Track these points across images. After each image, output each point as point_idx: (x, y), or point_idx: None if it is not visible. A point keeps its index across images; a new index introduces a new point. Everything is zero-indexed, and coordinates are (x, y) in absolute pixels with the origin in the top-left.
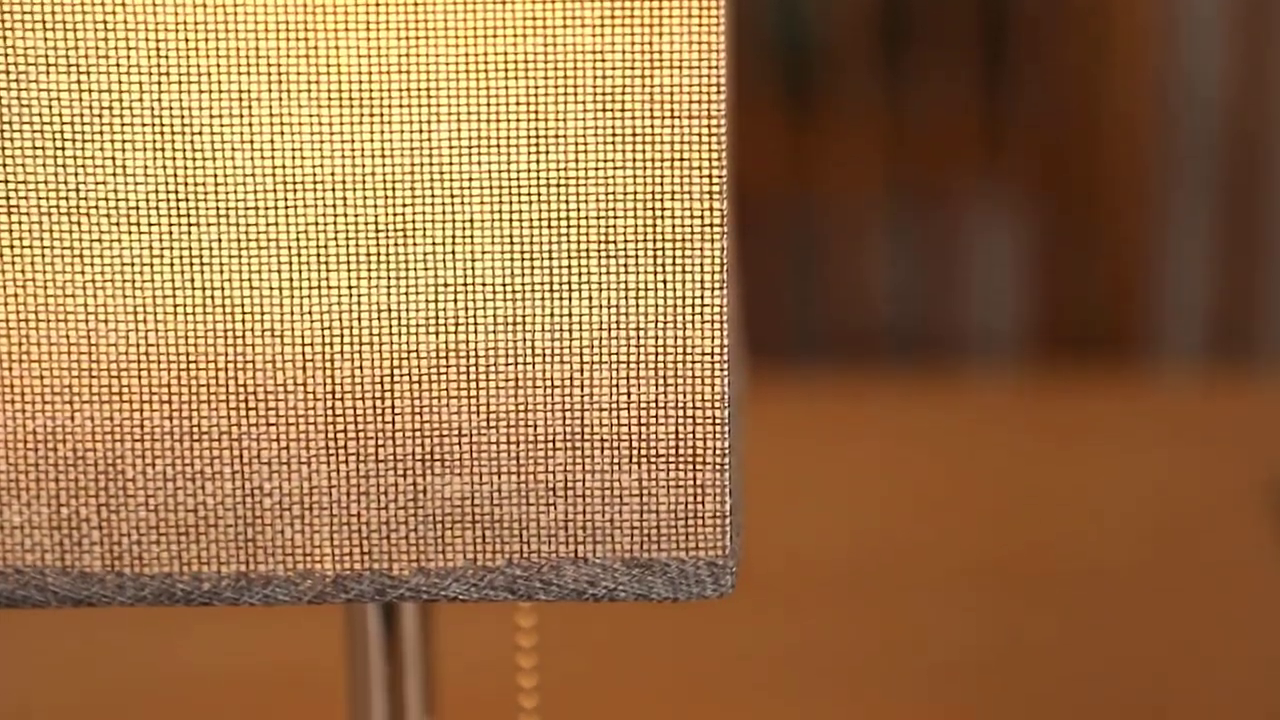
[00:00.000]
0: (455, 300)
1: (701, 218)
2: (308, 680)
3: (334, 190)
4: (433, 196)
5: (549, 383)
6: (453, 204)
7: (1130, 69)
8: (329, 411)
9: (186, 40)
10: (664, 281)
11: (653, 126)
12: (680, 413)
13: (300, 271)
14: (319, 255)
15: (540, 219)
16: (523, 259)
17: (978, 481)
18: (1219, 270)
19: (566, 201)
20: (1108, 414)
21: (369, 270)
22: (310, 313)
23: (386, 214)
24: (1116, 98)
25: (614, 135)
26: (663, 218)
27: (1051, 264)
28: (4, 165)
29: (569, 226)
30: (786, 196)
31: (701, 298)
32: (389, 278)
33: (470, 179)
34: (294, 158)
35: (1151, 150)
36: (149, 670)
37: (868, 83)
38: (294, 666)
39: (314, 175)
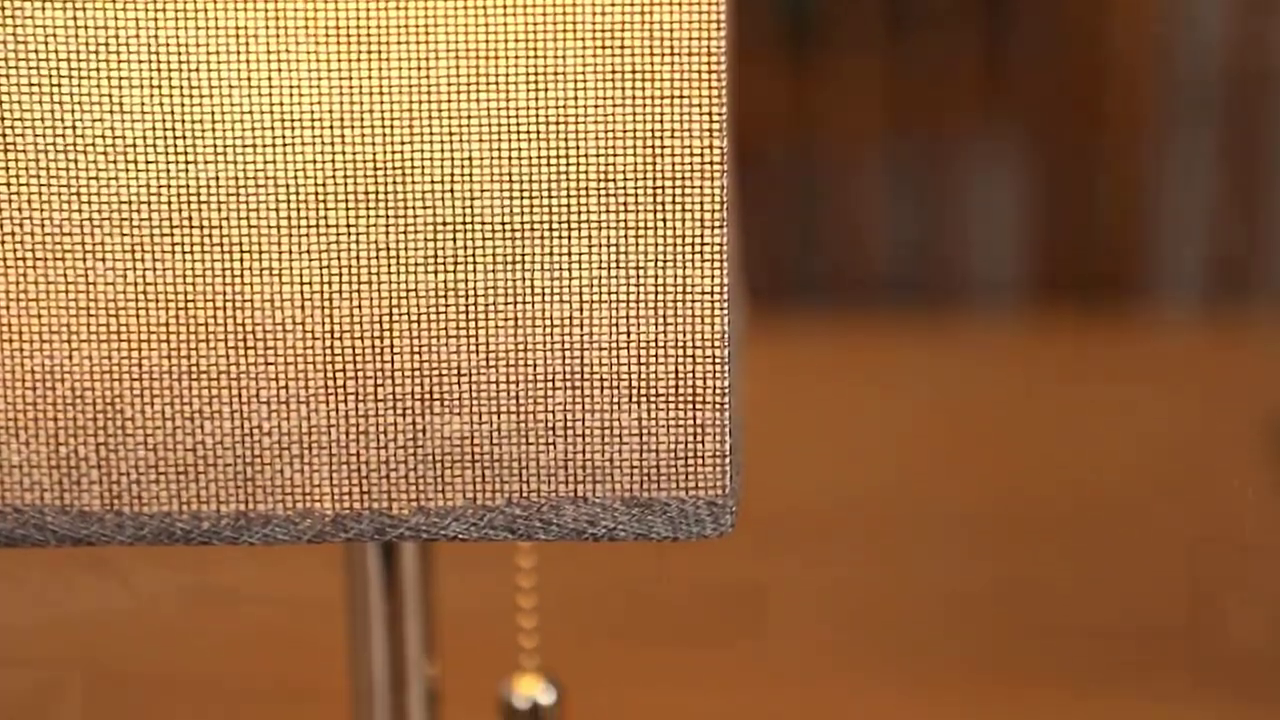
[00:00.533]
0: (454, 239)
1: (701, 155)
2: (309, 619)
3: (332, 128)
4: (431, 134)
5: (548, 322)
6: (451, 142)
7: (1131, 11)
8: (328, 350)
9: None
10: (663, 220)
11: (652, 63)
12: (680, 351)
13: (298, 210)
14: (317, 193)
15: (539, 157)
16: (521, 197)
17: (977, 424)
18: (1219, 213)
19: (565, 139)
20: (1108, 356)
21: (367, 208)
22: (308, 251)
23: (384, 152)
24: (1117, 41)
25: (613, 72)
26: (662, 155)
27: (1052, 207)
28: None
29: (568, 164)
30: (787, 139)
31: (701, 236)
32: (387, 216)
33: (469, 116)
34: (291, 95)
35: (1152, 93)
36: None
37: (869, 25)
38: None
39: (311, 113)
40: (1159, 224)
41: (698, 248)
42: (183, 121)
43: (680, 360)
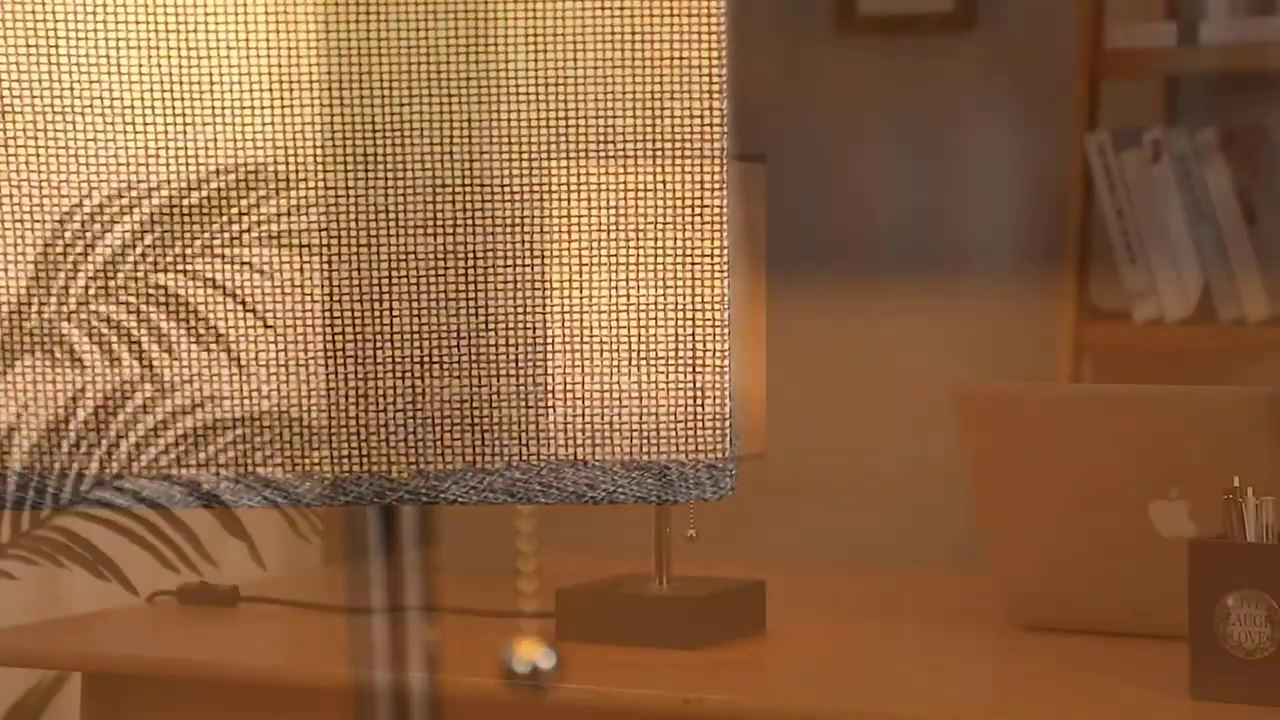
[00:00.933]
0: (453, 201)
1: (701, 118)
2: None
3: (330, 89)
4: (430, 96)
5: (548, 285)
6: (450, 103)
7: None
8: (326, 313)
9: None
10: (663, 182)
11: (652, 25)
12: (680, 315)
13: (297, 172)
14: (315, 155)
15: (538, 119)
16: (520, 159)
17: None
18: (1216, 186)
19: (564, 101)
20: (1106, 329)
21: (366, 171)
22: (307, 214)
23: (384, 113)
24: (1120, 14)
25: (612, 33)
26: (662, 117)
27: (1051, 178)
28: None
29: (567, 126)
30: (787, 106)
31: (701, 199)
32: (386, 178)
33: (467, 78)
34: (289, 56)
35: (1153, 69)
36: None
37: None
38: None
39: (310, 74)
40: (1155, 196)
41: (698, 210)
42: (181, 83)
43: (680, 323)
